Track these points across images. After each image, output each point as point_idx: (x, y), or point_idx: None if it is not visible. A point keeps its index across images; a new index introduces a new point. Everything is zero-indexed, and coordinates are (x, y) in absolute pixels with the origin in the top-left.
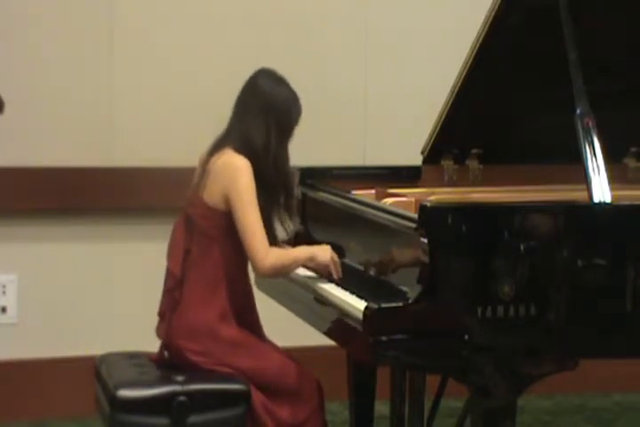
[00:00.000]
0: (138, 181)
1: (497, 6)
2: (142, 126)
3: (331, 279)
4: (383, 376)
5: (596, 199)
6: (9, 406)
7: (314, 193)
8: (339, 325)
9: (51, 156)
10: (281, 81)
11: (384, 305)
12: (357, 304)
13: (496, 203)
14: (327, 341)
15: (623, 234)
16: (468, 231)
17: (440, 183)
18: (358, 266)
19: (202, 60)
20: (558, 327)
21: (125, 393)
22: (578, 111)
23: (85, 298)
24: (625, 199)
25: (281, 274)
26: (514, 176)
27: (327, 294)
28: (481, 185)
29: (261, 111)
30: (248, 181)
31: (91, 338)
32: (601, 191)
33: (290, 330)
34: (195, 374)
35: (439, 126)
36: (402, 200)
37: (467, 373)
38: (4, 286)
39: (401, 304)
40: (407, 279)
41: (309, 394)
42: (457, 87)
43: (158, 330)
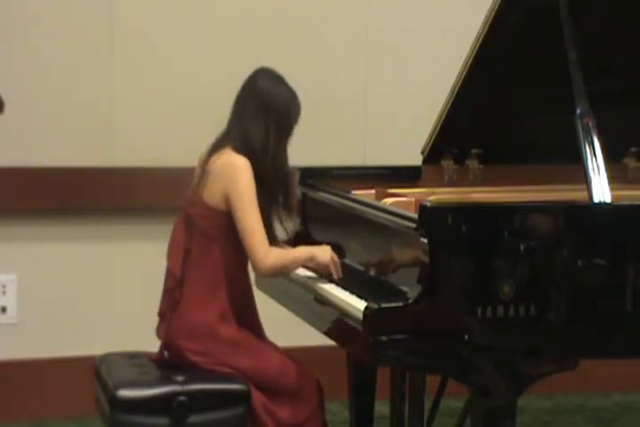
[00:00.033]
0: (138, 181)
1: (497, 6)
2: (142, 126)
3: (331, 279)
4: (383, 376)
5: (596, 199)
6: (9, 406)
7: (314, 193)
8: (339, 325)
9: (51, 156)
10: (280, 80)
11: (384, 305)
12: (357, 304)
13: (496, 203)
14: (327, 341)
15: (623, 234)
16: (468, 231)
17: (440, 183)
18: (358, 266)
19: (202, 60)
20: (558, 327)
21: (125, 393)
22: (578, 111)
23: (85, 298)
24: (625, 199)
25: (281, 274)
26: (514, 176)
27: (327, 294)
28: (481, 185)
29: (260, 110)
30: (248, 181)
31: (91, 338)
32: (601, 191)
33: (290, 330)
34: (195, 374)
35: (439, 126)
36: (402, 200)
37: (467, 373)
38: (4, 286)
39: (401, 304)
40: (407, 279)
41: (309, 394)
42: (457, 87)
43: (158, 330)
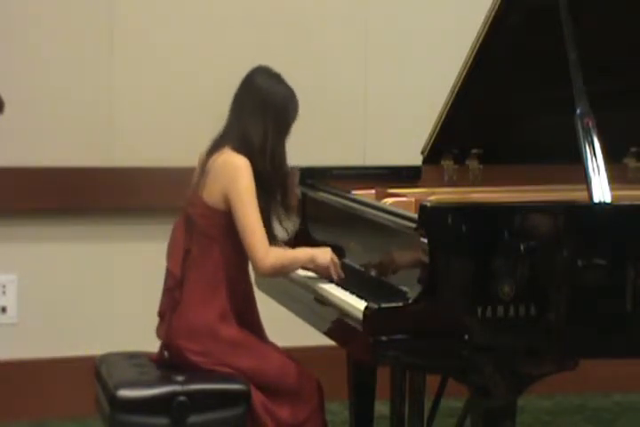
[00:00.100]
0: (138, 181)
1: (497, 6)
2: (142, 126)
3: (331, 280)
4: (383, 376)
5: (596, 199)
6: (9, 406)
7: (314, 193)
8: (339, 325)
9: (51, 156)
10: (278, 78)
11: (384, 305)
12: (357, 304)
13: (496, 203)
14: (327, 341)
15: (623, 234)
16: (468, 231)
17: (440, 183)
18: (358, 266)
19: (202, 60)
20: (558, 327)
21: (125, 393)
22: (578, 111)
23: (85, 298)
24: (625, 199)
25: (281, 274)
26: (514, 176)
27: (327, 294)
28: (481, 185)
29: (258, 108)
30: (248, 181)
31: (91, 338)
32: (601, 191)
33: (290, 330)
34: (195, 374)
35: (439, 126)
36: (402, 200)
37: (467, 373)
38: (4, 286)
39: (401, 304)
40: (407, 279)
41: (309, 394)
42: (457, 87)
43: (158, 330)
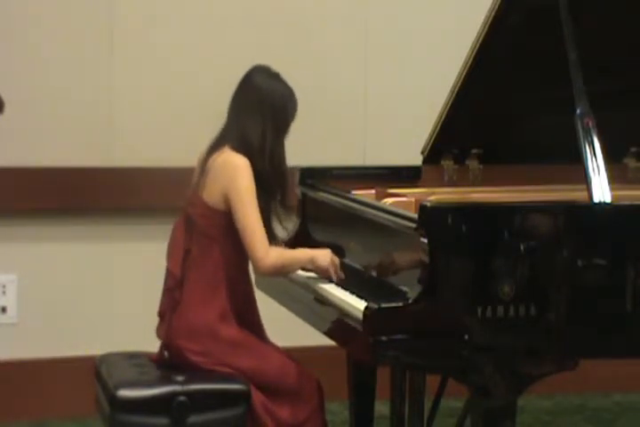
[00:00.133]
0: (138, 181)
1: (497, 6)
2: (142, 126)
3: (331, 280)
4: (383, 376)
5: (596, 199)
6: (9, 406)
7: (314, 193)
8: (339, 325)
9: (51, 156)
10: (276, 77)
11: (384, 305)
12: (357, 304)
13: (496, 203)
14: (327, 341)
15: (623, 234)
16: (468, 231)
17: (440, 183)
18: (358, 266)
19: (202, 60)
20: (558, 327)
21: (125, 393)
22: (578, 111)
23: (85, 298)
24: (625, 199)
25: (281, 274)
26: (514, 176)
27: (327, 294)
28: (481, 185)
29: (257, 108)
30: (248, 181)
31: (91, 338)
32: (601, 191)
33: (290, 330)
34: (195, 374)
35: (439, 126)
36: (402, 200)
37: (467, 373)
38: (4, 286)
39: (401, 304)
40: (407, 279)
41: (309, 394)
42: (457, 87)
43: (158, 330)
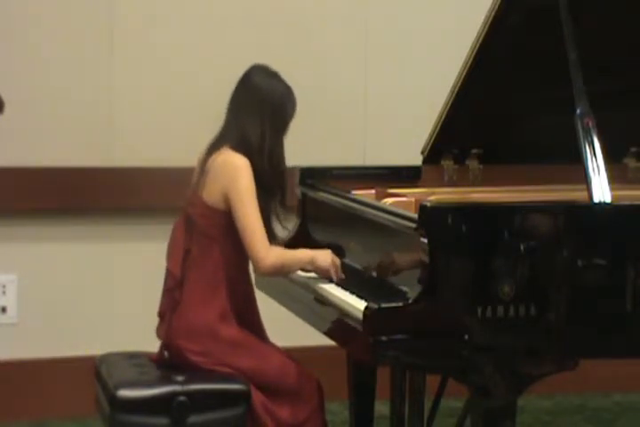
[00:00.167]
0: (138, 181)
1: (497, 6)
2: (142, 126)
3: (331, 280)
4: (383, 376)
5: (596, 199)
6: (9, 406)
7: (314, 193)
8: (339, 325)
9: (51, 156)
10: (275, 76)
11: (384, 305)
12: (357, 304)
13: (496, 203)
14: (327, 341)
15: (623, 234)
16: (468, 231)
17: (440, 183)
18: (358, 266)
19: (202, 60)
20: (558, 327)
21: (125, 393)
22: (578, 111)
23: (85, 298)
24: (625, 199)
25: (281, 274)
26: (514, 176)
27: (327, 294)
28: (481, 185)
29: (256, 107)
30: (248, 181)
31: (91, 338)
32: (601, 191)
33: (290, 330)
34: (195, 374)
35: (439, 126)
36: (402, 200)
37: (467, 373)
38: (4, 286)
39: (401, 304)
40: (407, 279)
41: (309, 394)
42: (457, 87)
43: (158, 330)
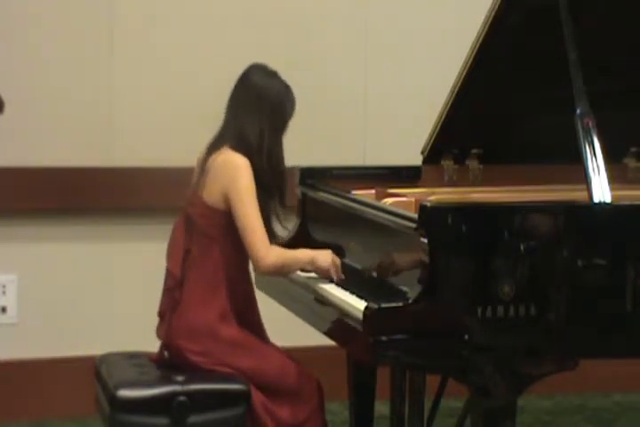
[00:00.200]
0: (138, 181)
1: (497, 6)
2: (142, 126)
3: (331, 280)
4: (383, 376)
5: (596, 199)
6: (9, 406)
7: (314, 193)
8: (339, 325)
9: (51, 156)
10: (273, 74)
11: (384, 305)
12: (357, 304)
13: (496, 203)
14: (327, 341)
15: (623, 234)
16: (468, 231)
17: (440, 183)
18: (358, 266)
19: (202, 60)
20: (558, 327)
21: (125, 393)
22: (578, 111)
23: (85, 298)
24: (625, 199)
25: (281, 273)
26: (514, 176)
27: (327, 294)
28: (481, 185)
29: (254, 105)
30: (248, 181)
31: (91, 338)
32: (601, 191)
33: (290, 330)
34: (195, 374)
35: (439, 126)
36: (402, 200)
37: (467, 373)
38: (4, 286)
39: (401, 304)
40: (407, 279)
41: (309, 394)
42: (457, 87)
43: (158, 330)
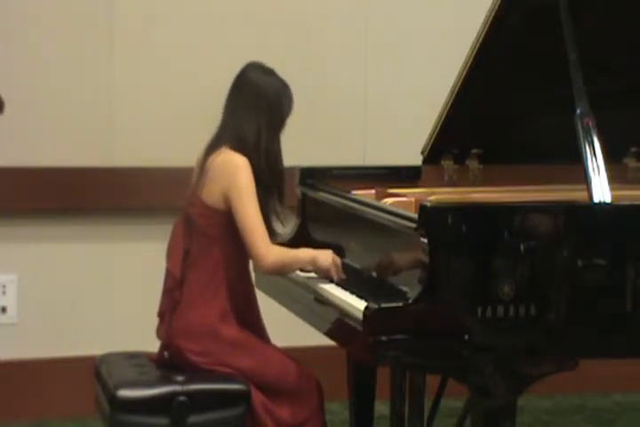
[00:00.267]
0: (138, 181)
1: (497, 6)
2: (142, 126)
3: (331, 280)
4: (383, 376)
5: (596, 199)
6: (9, 406)
7: (314, 193)
8: (339, 325)
9: (51, 156)
10: (270, 72)
11: (384, 305)
12: (357, 304)
13: (496, 203)
14: (327, 341)
15: (623, 234)
16: (468, 231)
17: (440, 183)
18: (358, 266)
19: (202, 60)
20: (558, 327)
21: (125, 393)
22: (578, 111)
23: (85, 298)
24: (625, 199)
25: (282, 272)
26: (514, 176)
27: (327, 294)
28: (481, 185)
29: (252, 104)
30: (248, 180)
31: (91, 338)
32: (601, 191)
33: (290, 330)
34: (195, 374)
35: (439, 126)
36: (402, 200)
37: (467, 373)
38: (4, 286)
39: (401, 304)
40: (407, 279)
41: (309, 394)
42: (457, 87)
43: (158, 331)
